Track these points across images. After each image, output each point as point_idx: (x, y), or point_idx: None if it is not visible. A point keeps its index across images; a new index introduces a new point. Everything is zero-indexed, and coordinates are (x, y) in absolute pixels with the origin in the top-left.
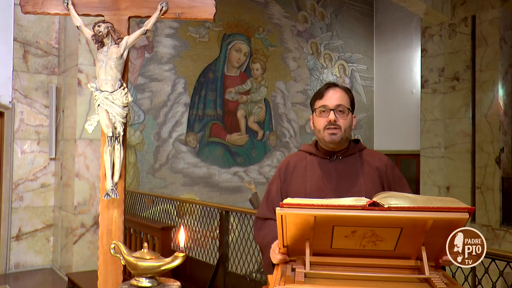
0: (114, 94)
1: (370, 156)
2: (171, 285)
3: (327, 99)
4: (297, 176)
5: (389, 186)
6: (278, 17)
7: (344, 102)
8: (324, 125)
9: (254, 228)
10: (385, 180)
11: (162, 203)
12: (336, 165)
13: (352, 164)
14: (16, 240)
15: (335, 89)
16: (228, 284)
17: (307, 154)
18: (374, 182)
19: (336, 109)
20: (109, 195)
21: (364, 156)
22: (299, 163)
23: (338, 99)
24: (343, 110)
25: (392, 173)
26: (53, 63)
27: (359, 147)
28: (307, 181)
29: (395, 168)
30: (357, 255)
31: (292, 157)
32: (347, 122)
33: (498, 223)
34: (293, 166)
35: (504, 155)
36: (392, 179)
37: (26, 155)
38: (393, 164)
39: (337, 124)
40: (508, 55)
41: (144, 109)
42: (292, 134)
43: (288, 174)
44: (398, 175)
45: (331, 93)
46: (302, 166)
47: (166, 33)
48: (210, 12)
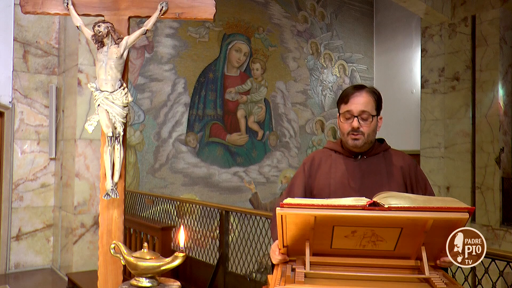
0: (114, 94)
1: (394, 156)
2: (171, 285)
3: (351, 104)
4: (322, 173)
5: (411, 186)
6: (278, 17)
7: (369, 107)
8: (347, 131)
9: (272, 219)
10: (408, 180)
11: (162, 203)
12: (361, 164)
13: (376, 164)
14: (16, 240)
15: (361, 93)
16: (228, 284)
17: (332, 152)
18: (398, 181)
19: (360, 116)
20: (109, 195)
21: (388, 156)
22: (324, 159)
23: (362, 105)
24: (367, 117)
25: (415, 173)
26: (53, 63)
27: (383, 147)
28: (331, 178)
29: (418, 169)
30: (357, 255)
31: (317, 153)
32: (371, 128)
33: (498, 223)
34: (318, 162)
35: (504, 155)
36: (415, 180)
37: (26, 155)
38: (417, 164)
39: (360, 130)
40: (508, 55)
41: (144, 109)
42: (292, 134)
43: (313, 170)
44: (421, 176)
45: (357, 99)
46: (327, 163)
47: (166, 33)
48: (210, 12)
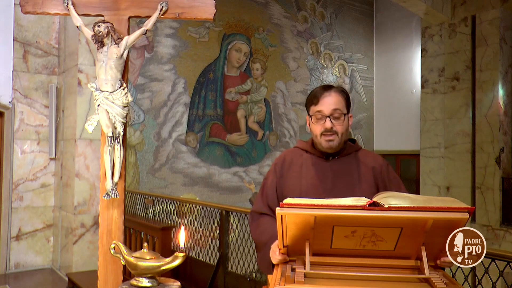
0: (114, 94)
1: (365, 157)
2: (171, 285)
3: (322, 104)
4: (293, 173)
5: (384, 187)
6: (278, 17)
7: (340, 106)
8: (320, 132)
9: (250, 221)
10: (380, 181)
11: (162, 203)
12: (332, 165)
13: (348, 164)
14: (16, 240)
15: (330, 93)
16: (228, 284)
17: (303, 152)
18: (369, 182)
19: (332, 115)
20: (109, 195)
21: (359, 156)
22: (295, 160)
23: (333, 104)
24: (339, 115)
25: (387, 173)
26: (53, 63)
27: (355, 147)
28: (303, 178)
29: (390, 169)
30: (357, 255)
31: (288, 153)
32: (344, 126)
33: (498, 223)
34: (289, 162)
35: (504, 155)
36: (387, 180)
37: (26, 155)
38: (388, 165)
39: (333, 130)
40: (508, 55)
41: (144, 109)
42: (292, 134)
43: (284, 170)
44: (393, 176)
45: (326, 98)
46: (298, 164)
47: (166, 33)
48: (210, 12)
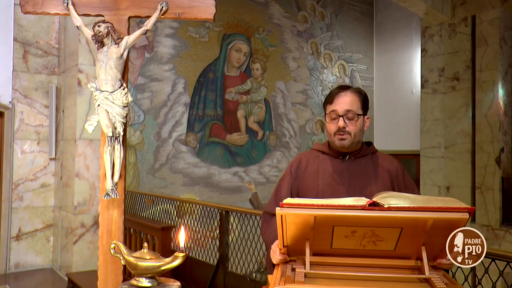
0: (114, 94)
1: (381, 159)
2: (171, 285)
3: (336, 104)
4: (309, 174)
5: (399, 190)
6: (278, 17)
7: (354, 107)
8: (334, 131)
9: (261, 222)
10: (396, 184)
11: (162, 203)
12: (348, 165)
13: (364, 165)
14: (16, 240)
15: (346, 93)
16: (228, 284)
17: (319, 153)
18: (385, 182)
19: (345, 115)
20: (109, 195)
21: (375, 159)
22: (312, 161)
23: (348, 104)
24: (353, 116)
25: (403, 177)
26: (53, 63)
27: (371, 150)
28: (319, 179)
29: (405, 173)
30: (357, 255)
31: (305, 155)
32: (357, 127)
33: (498, 223)
34: (305, 163)
35: (504, 155)
36: (403, 184)
37: (26, 155)
38: (404, 169)
39: (346, 130)
40: (508, 55)
41: (144, 109)
42: (292, 134)
43: (300, 172)
44: (409, 180)
45: (341, 98)
46: (314, 164)
47: (166, 33)
48: (210, 12)
